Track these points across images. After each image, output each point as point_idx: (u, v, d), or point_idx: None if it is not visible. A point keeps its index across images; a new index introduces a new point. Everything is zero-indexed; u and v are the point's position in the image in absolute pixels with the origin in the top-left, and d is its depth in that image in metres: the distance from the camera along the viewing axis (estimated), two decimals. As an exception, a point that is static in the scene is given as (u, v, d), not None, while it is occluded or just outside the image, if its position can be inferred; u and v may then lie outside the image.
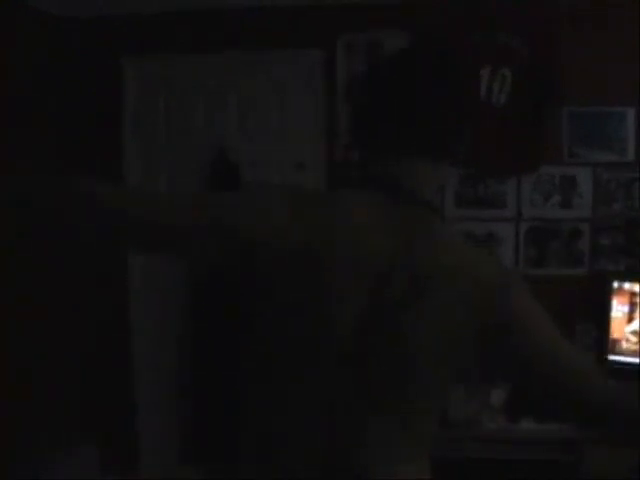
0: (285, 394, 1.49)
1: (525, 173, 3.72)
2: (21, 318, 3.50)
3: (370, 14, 3.73)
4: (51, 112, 3.81)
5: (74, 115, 3.93)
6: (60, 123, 3.88)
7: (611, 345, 3.49)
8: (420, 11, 3.68)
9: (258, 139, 3.83)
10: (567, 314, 3.53)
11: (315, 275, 1.43)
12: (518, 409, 3.18)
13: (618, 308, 3.48)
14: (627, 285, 3.48)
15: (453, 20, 3.64)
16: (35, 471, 3.48)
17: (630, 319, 3.46)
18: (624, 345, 3.47)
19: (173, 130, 3.94)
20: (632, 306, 3.45)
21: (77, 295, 3.95)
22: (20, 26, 3.53)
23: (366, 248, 1.44)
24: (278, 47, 3.78)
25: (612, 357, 3.49)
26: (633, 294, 3.46)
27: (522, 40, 3.64)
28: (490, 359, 1.51)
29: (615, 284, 3.51)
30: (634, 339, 3.44)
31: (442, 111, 1.49)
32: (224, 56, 3.84)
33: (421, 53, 1.56)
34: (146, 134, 3.96)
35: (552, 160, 3.69)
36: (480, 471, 3.17)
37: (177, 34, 3.86)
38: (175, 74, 3.92)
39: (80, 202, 1.39)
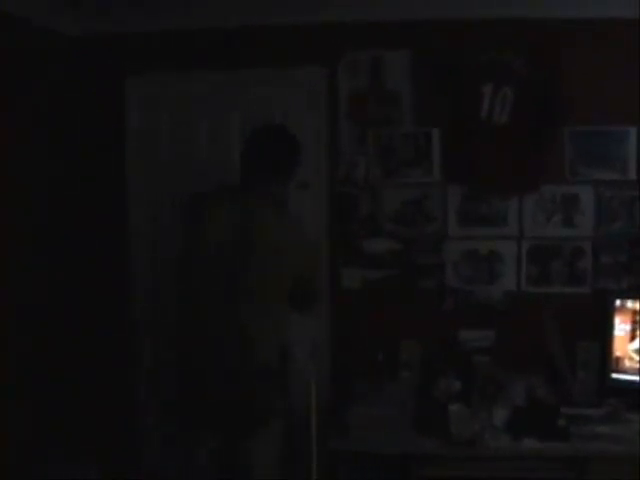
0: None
1: (527, 192, 3.73)
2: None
3: (373, 32, 3.75)
4: (53, 129, 3.82)
5: (76, 132, 3.95)
6: (62, 140, 3.90)
7: (614, 363, 3.48)
8: (422, 30, 3.71)
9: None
10: (569, 332, 3.55)
11: None
12: (520, 428, 3.17)
13: (621, 326, 3.48)
14: (629, 303, 3.48)
15: (454, 38, 3.67)
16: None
17: (633, 337, 3.45)
18: (627, 363, 3.46)
19: (176, 147, 3.96)
20: (634, 324, 3.45)
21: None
22: (24, 43, 3.55)
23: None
24: (280, 64, 3.80)
25: (615, 375, 3.48)
26: (635, 312, 3.45)
27: (523, 59, 3.65)
28: None
29: (617, 302, 3.50)
30: (637, 357, 3.43)
31: (278, 164, 3.08)
32: (226, 73, 3.85)
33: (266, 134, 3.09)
34: (149, 151, 3.97)
35: (554, 178, 3.70)
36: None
37: (179, 52, 3.89)
38: (177, 91, 3.94)
39: None
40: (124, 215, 3.97)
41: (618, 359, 3.48)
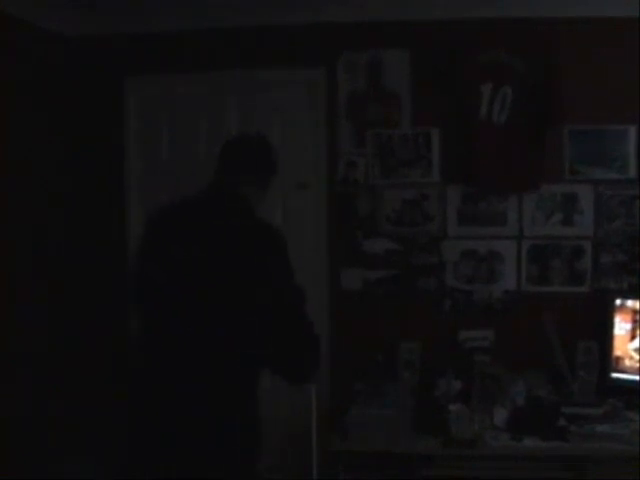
0: None
1: (526, 191, 3.73)
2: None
3: (371, 32, 3.76)
4: (52, 131, 3.83)
5: (76, 132, 3.95)
6: (62, 142, 3.90)
7: (614, 363, 3.48)
8: (421, 29, 3.71)
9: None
10: (570, 332, 3.55)
11: None
12: (520, 428, 3.17)
13: (621, 326, 3.48)
14: (630, 302, 3.48)
15: (454, 38, 3.67)
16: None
17: (633, 336, 3.45)
18: (627, 363, 3.46)
19: (175, 149, 3.96)
20: (634, 323, 3.44)
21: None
22: (24, 43, 3.56)
23: None
24: (279, 65, 3.80)
25: (615, 375, 3.48)
26: (635, 311, 3.45)
27: (522, 59, 3.65)
28: None
29: (617, 302, 3.50)
30: (637, 356, 3.43)
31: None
32: (225, 75, 3.86)
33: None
34: (148, 152, 3.97)
35: (553, 178, 3.70)
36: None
37: (178, 53, 3.89)
38: (177, 92, 3.94)
39: None
40: (123, 215, 3.97)
41: (618, 358, 3.48)
